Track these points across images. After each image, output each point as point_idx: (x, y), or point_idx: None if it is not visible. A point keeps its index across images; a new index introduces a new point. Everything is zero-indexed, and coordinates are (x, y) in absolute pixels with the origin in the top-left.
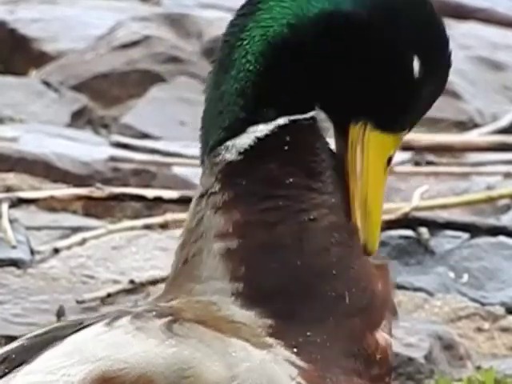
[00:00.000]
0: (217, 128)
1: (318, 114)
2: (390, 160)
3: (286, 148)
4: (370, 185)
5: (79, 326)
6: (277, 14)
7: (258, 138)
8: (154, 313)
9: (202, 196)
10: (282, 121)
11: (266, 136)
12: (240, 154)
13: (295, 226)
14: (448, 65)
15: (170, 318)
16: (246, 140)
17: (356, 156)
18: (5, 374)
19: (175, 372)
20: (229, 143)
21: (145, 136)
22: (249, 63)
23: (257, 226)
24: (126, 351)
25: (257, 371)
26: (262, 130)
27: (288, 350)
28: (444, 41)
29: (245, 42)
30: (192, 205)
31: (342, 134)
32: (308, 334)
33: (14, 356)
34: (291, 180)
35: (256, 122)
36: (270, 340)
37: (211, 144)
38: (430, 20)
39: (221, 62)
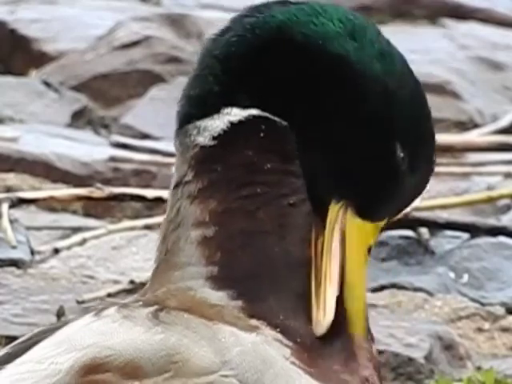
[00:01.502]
0: (186, 98)
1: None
2: (369, 249)
3: (262, 135)
4: (353, 272)
5: (64, 324)
6: (293, 15)
7: (232, 123)
8: (141, 303)
9: (177, 185)
10: (256, 112)
11: (240, 122)
12: (213, 138)
13: (275, 211)
14: (432, 162)
15: (155, 306)
16: (218, 123)
17: (333, 237)
18: None
19: (163, 358)
20: (200, 123)
21: (145, 136)
22: (248, 32)
23: (235, 213)
24: (114, 339)
25: (250, 354)
26: (235, 114)
27: (273, 330)
28: (431, 137)
29: (252, 18)
30: (169, 195)
31: (316, 201)
32: (281, 317)
33: None
34: (269, 166)
35: (229, 104)
36: (254, 321)
37: (180, 119)
38: (421, 113)
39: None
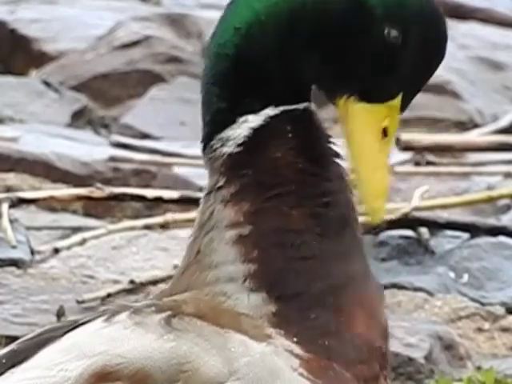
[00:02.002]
0: (203, 123)
1: (311, 105)
2: (386, 130)
3: (290, 136)
4: (360, 155)
5: (74, 325)
6: (248, 1)
7: (253, 129)
8: (154, 308)
9: (209, 192)
10: (272, 111)
11: (262, 126)
12: (238, 145)
13: (309, 210)
14: (437, 34)
15: (168, 312)
16: (240, 131)
17: (346, 130)
18: None
19: (173, 366)
20: (222, 135)
21: (145, 136)
22: (221, 47)
23: (268, 212)
24: (124, 346)
25: (257, 365)
26: (253, 120)
27: (289, 339)
28: (425, 10)
29: (220, 29)
30: (201, 202)
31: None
32: (312, 316)
33: (4, 361)
34: (300, 166)
35: (242, 113)
36: (271, 330)
37: (202, 140)
38: None
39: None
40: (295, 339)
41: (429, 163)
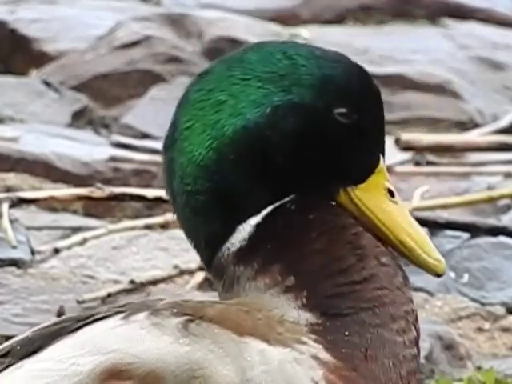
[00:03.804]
0: (199, 249)
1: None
2: (390, 191)
3: (294, 207)
4: (389, 222)
5: (91, 319)
6: (196, 140)
7: (256, 225)
8: (174, 310)
9: (227, 290)
10: (269, 209)
11: (263, 218)
12: (244, 240)
13: (343, 240)
14: (373, 93)
15: (187, 317)
16: (241, 234)
17: (361, 214)
18: (10, 365)
19: (185, 372)
20: (226, 245)
21: (145, 136)
22: (190, 185)
23: (305, 259)
24: (139, 346)
25: (273, 373)
26: (252, 221)
27: (320, 344)
28: (355, 80)
29: (177, 170)
30: (232, 297)
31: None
32: (346, 333)
33: (18, 348)
34: (327, 218)
35: (236, 225)
36: (305, 335)
37: (206, 264)
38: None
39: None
40: (327, 345)
41: (429, 163)
